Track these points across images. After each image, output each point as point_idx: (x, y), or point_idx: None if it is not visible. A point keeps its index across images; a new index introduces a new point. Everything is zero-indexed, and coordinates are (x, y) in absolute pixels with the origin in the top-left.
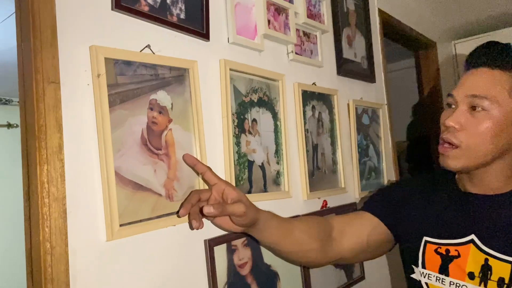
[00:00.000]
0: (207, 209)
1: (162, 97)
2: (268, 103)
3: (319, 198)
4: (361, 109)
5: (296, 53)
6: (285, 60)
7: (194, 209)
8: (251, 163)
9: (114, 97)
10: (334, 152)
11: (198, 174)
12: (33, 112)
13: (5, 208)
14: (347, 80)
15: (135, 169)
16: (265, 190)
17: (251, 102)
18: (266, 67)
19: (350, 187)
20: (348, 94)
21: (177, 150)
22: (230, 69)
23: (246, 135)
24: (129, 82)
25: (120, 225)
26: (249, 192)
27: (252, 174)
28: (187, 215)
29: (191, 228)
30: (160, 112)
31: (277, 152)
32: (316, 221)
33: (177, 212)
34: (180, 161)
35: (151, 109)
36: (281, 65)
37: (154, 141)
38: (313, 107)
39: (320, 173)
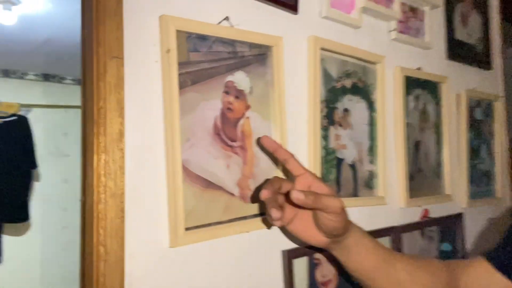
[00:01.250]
0: (296, 194)
1: (240, 79)
2: (363, 90)
3: (419, 206)
4: (474, 102)
5: (399, 32)
6: (385, 40)
7: (274, 197)
8: (340, 161)
9: (185, 77)
10: (439, 152)
11: (277, 164)
12: (92, 91)
13: None
14: (458, 65)
15: (205, 163)
16: (355, 194)
17: (343, 88)
18: (363, 47)
19: (456, 194)
20: (460, 82)
21: (255, 142)
22: (321, 48)
23: (335, 127)
24: (204, 60)
25: (186, 229)
26: (338, 196)
27: (341, 175)
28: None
29: (270, 219)
30: (237, 97)
31: (372, 149)
32: (430, 269)
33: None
34: (257, 156)
35: (227, 93)
36: (380, 45)
37: (228, 131)
38: (417, 97)
39: (421, 176)
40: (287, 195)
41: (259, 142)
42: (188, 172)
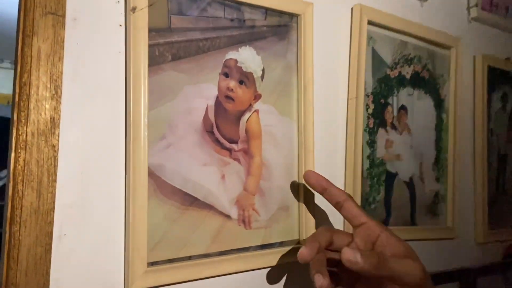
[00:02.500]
0: (349, 255)
1: (247, 57)
2: (429, 83)
3: (501, 241)
4: None
5: (482, 9)
6: (462, 18)
7: (320, 256)
8: (391, 177)
9: (162, 50)
10: None
11: (300, 178)
12: (16, 61)
13: None
14: None
15: (188, 171)
16: (412, 222)
17: (400, 78)
18: (431, 25)
19: None
20: None
21: (266, 145)
22: (369, 22)
23: (386, 130)
24: (192, 28)
25: (150, 264)
26: (385, 222)
27: (391, 194)
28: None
29: (315, 285)
30: (241, 82)
31: (439, 162)
32: None
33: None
34: (268, 164)
35: (226, 75)
36: (455, 25)
37: (226, 128)
38: (504, 96)
39: (506, 201)
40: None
41: (305, 176)
42: (160, 182)
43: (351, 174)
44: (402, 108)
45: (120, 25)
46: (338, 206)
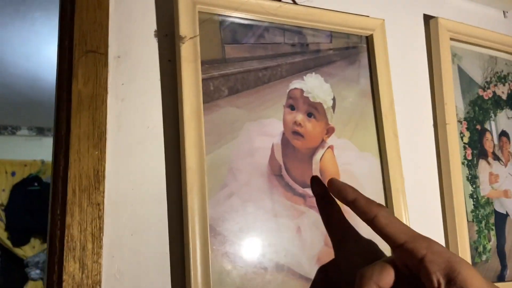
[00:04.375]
0: None
1: (313, 85)
2: None
3: None
4: None
5: None
6: None
7: None
8: (502, 218)
9: (216, 84)
10: None
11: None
12: (59, 111)
13: None
14: None
15: (255, 225)
16: None
17: (495, 99)
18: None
19: None
20: None
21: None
22: (452, 38)
23: (488, 162)
24: (248, 57)
25: None
26: (501, 278)
27: (505, 241)
28: None
29: None
30: (309, 115)
31: None
32: None
33: None
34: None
35: (292, 107)
36: None
37: (296, 170)
38: None
39: None
40: None
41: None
42: (225, 241)
43: (452, 218)
44: (503, 134)
45: (169, 60)
46: (368, 223)
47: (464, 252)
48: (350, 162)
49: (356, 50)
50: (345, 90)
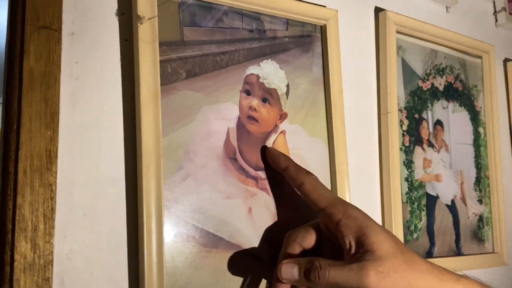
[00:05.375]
0: (283, 272)
1: (269, 72)
2: (463, 94)
3: None
4: None
5: (511, 14)
6: (489, 25)
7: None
8: (432, 200)
9: (174, 66)
10: None
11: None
12: (8, 83)
13: None
14: None
15: (211, 206)
16: (458, 251)
17: (433, 90)
18: (459, 32)
19: None
20: None
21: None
22: (398, 31)
23: (423, 148)
24: (207, 41)
25: None
26: (429, 253)
27: (434, 221)
28: None
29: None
30: (264, 100)
31: (479, 181)
32: None
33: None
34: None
35: (248, 92)
36: (482, 33)
37: (250, 153)
38: None
39: None
40: None
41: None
42: (179, 222)
43: (388, 199)
44: (438, 123)
45: (126, 40)
46: (297, 189)
47: (398, 230)
48: (300, 147)
49: (310, 39)
50: (298, 77)
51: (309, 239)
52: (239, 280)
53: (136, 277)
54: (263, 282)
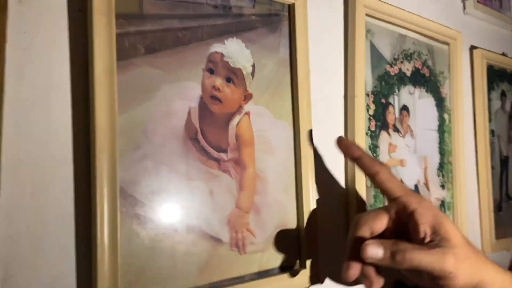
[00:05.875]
0: (370, 252)
1: (234, 50)
2: (430, 80)
3: (507, 250)
4: None
5: (478, 2)
6: (457, 12)
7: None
8: None
9: (132, 41)
10: None
11: (298, 186)
12: None
13: None
14: None
15: (168, 188)
16: None
17: (400, 76)
18: (428, 18)
19: None
20: None
21: (260, 154)
22: (367, 14)
23: (389, 133)
24: (168, 15)
25: None
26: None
27: None
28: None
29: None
30: (228, 80)
31: (443, 167)
32: None
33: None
34: (263, 176)
35: (211, 71)
36: (450, 19)
37: (212, 134)
38: (503, 94)
39: (510, 207)
40: None
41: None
42: (136, 203)
43: (352, 184)
44: (404, 109)
45: (80, 10)
46: (370, 178)
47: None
48: (265, 129)
49: (278, 18)
50: (265, 57)
51: (380, 224)
52: (198, 261)
53: (87, 260)
54: (223, 264)
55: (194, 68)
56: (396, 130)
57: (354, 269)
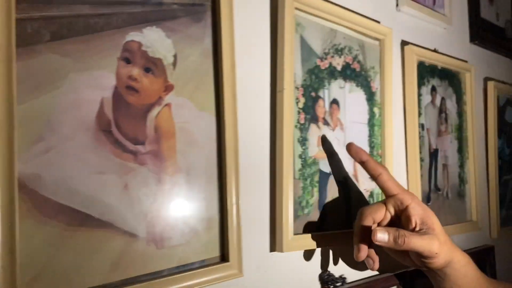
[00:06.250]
0: (379, 236)
1: (153, 39)
2: (360, 75)
3: None
4: (504, 99)
5: None
6: (389, 8)
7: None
8: (324, 177)
9: (36, 26)
10: (462, 164)
11: (223, 178)
12: None
13: None
14: (484, 52)
15: (76, 182)
16: (349, 225)
17: (330, 70)
18: (361, 13)
19: (484, 221)
20: (486, 73)
21: (181, 146)
22: (297, 8)
23: (318, 126)
24: (78, 1)
25: None
26: (320, 228)
27: (325, 196)
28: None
29: (370, 267)
30: (147, 70)
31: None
32: None
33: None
34: (185, 169)
35: (127, 60)
36: (383, 15)
37: (128, 126)
38: (433, 89)
39: (439, 197)
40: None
41: (347, 147)
42: (37, 198)
43: (280, 176)
44: (334, 102)
45: None
46: (374, 178)
47: (287, 206)
48: (187, 121)
49: (203, 8)
50: (188, 48)
51: (380, 214)
52: (110, 258)
53: None
54: (138, 260)
55: (108, 57)
56: (326, 123)
57: (364, 251)
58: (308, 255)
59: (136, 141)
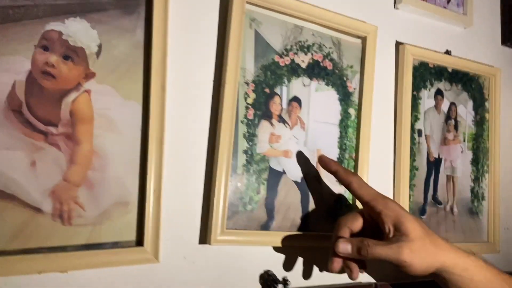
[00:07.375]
0: (342, 247)
1: (76, 29)
2: (333, 74)
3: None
4: None
5: None
6: (387, 4)
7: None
8: (276, 175)
9: None
10: (478, 178)
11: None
12: None
13: None
14: None
15: None
16: (305, 226)
17: (292, 66)
18: (341, 9)
19: (504, 242)
20: None
21: (99, 131)
22: (248, 2)
23: (272, 123)
24: None
25: None
26: (266, 226)
27: (276, 196)
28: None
29: (349, 277)
30: (66, 57)
31: (341, 162)
32: None
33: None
34: (103, 154)
35: (45, 48)
36: (376, 11)
37: (40, 108)
38: (439, 93)
39: (440, 211)
40: None
41: (319, 159)
42: None
43: (220, 171)
44: (295, 100)
45: None
46: (346, 187)
47: (219, 199)
48: (109, 108)
49: (136, 2)
50: (117, 39)
51: (357, 224)
52: (10, 227)
53: None
54: (41, 233)
55: (24, 44)
56: (282, 120)
57: (337, 263)
58: (251, 252)
59: (48, 123)
